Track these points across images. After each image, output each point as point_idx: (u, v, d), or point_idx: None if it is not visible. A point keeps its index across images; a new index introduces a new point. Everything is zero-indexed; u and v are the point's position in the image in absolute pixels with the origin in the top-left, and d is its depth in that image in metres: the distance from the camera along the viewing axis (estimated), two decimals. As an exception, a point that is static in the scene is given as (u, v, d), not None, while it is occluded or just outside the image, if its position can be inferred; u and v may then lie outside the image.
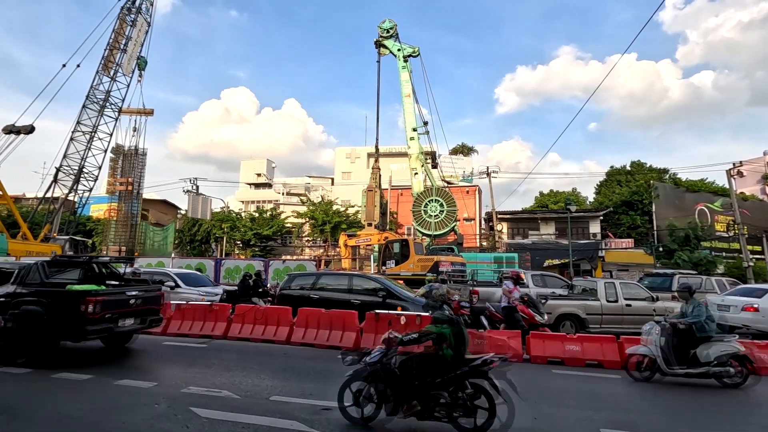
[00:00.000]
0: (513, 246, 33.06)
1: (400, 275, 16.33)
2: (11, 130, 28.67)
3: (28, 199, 40.06)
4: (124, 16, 32.25)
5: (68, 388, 5.82)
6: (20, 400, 5.34)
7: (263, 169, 54.94)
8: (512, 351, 8.19)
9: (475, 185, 40.84)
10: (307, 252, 39.92)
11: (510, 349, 8.23)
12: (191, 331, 10.08)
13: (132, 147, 34.86)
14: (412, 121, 29.38)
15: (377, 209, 28.53)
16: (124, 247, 32.89)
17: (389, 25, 30.16)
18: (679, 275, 14.32)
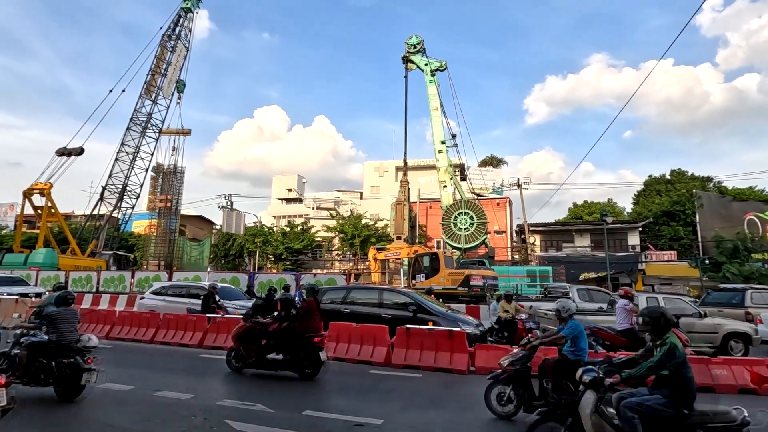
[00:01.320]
0: (546, 259, 32.13)
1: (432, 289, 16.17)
2: (63, 153, 30.73)
3: (76, 217, 42.51)
4: (165, 43, 34.21)
5: (112, 399, 6.05)
6: (68, 409, 5.59)
7: (294, 184, 56.17)
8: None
9: (505, 197, 40.17)
10: (336, 265, 40.24)
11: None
12: (226, 344, 10.27)
13: (171, 165, 36.55)
14: (440, 134, 29.39)
15: (406, 222, 28.49)
16: (163, 262, 34.20)
17: (416, 41, 30.52)
18: (751, 290, 12.43)
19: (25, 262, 26.71)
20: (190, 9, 35.08)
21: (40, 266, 25.27)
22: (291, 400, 6.20)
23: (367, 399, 6.44)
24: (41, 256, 26.98)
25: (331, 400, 6.29)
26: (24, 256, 27.47)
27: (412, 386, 7.25)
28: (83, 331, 11.55)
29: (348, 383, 7.35)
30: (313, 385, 7.18)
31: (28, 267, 25.39)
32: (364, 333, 9.27)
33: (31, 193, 29.39)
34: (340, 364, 8.89)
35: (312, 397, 6.46)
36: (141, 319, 11.68)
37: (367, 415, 5.57)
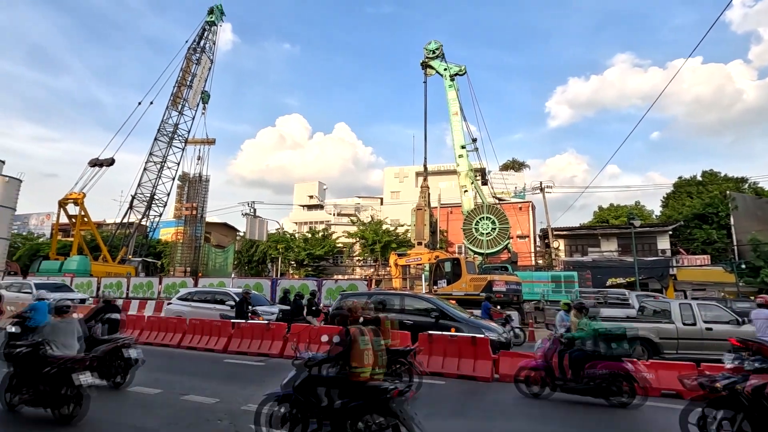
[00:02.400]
0: (571, 264, 31.36)
1: (452, 295, 16.00)
2: (95, 163, 32.01)
3: (108, 225, 44.05)
4: (191, 56, 35.32)
5: (141, 402, 6.20)
6: (102, 412, 5.76)
7: (315, 191, 56.78)
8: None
9: (528, 201, 39.51)
10: (357, 271, 40.33)
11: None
12: (250, 349, 10.43)
13: (196, 174, 37.54)
14: (460, 138, 29.21)
15: (427, 228, 28.34)
16: (189, 268, 35.04)
17: (435, 46, 30.53)
18: None
19: (60, 268, 27.83)
20: (214, 22, 36.15)
21: (74, 273, 26.29)
22: (314, 406, 6.21)
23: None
24: (75, 263, 28.07)
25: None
26: (59, 263, 28.64)
27: (435, 393, 7.17)
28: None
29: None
30: (336, 391, 7.18)
31: (63, 273, 26.45)
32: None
33: (66, 203, 30.68)
34: (362, 370, 8.88)
35: (334, 403, 6.45)
36: (168, 325, 11.97)
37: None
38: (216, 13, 36.13)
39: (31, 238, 48.23)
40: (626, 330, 6.91)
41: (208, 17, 35.93)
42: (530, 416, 6.14)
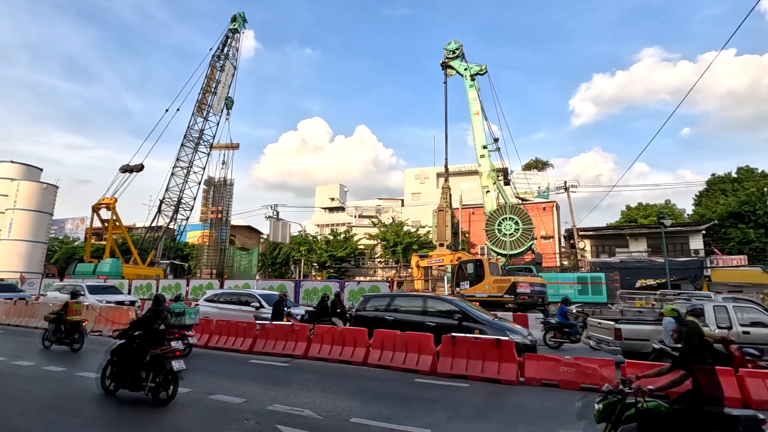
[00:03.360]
0: (598, 265, 30.53)
1: (475, 297, 15.83)
2: (126, 169, 33.21)
3: (137, 229, 45.58)
4: (215, 63, 36.22)
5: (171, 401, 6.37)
6: (134, 410, 5.97)
7: (336, 193, 57.23)
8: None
9: (552, 201, 38.74)
10: (379, 273, 40.38)
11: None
12: (274, 350, 10.58)
13: (221, 178, 38.42)
14: (481, 138, 28.92)
15: (449, 229, 28.15)
16: (215, 270, 35.86)
17: (455, 46, 30.35)
18: None
19: (94, 271, 28.98)
20: (237, 30, 36.98)
21: (106, 275, 27.31)
22: (338, 407, 6.26)
23: (414, 408, 6.38)
24: (108, 265, 29.17)
25: (378, 408, 6.27)
26: (93, 266, 29.83)
27: (459, 396, 7.11)
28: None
29: (394, 391, 7.32)
30: (360, 392, 7.22)
31: (97, 276, 27.51)
32: (409, 341, 9.22)
33: (99, 208, 31.92)
34: (385, 372, 8.88)
35: (359, 404, 6.48)
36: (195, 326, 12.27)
37: (413, 424, 5.52)
38: (239, 20, 36.95)
39: (67, 241, 50.40)
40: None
41: (231, 25, 36.78)
42: (557, 420, 6.01)
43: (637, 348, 9.37)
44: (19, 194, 39.47)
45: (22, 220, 38.87)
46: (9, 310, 16.50)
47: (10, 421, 5.25)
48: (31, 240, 39.23)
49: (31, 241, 39.23)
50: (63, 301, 15.21)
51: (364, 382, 8.08)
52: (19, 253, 38.33)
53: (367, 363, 9.44)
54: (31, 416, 5.48)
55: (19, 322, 15.62)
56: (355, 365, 9.46)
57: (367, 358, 9.56)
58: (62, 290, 17.23)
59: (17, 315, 16.11)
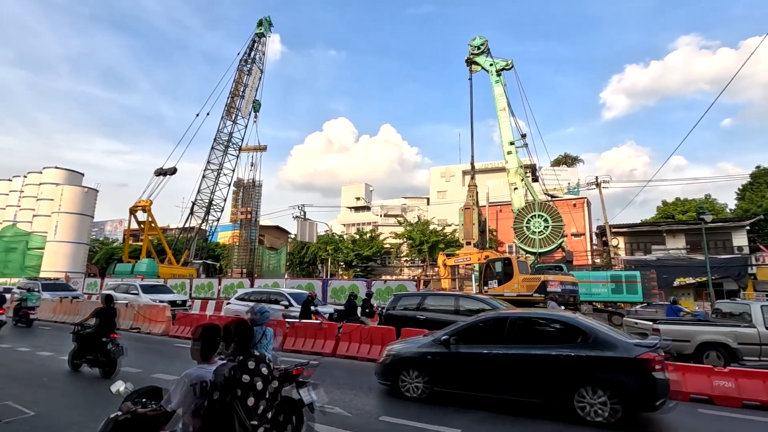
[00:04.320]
0: (633, 263, 29.41)
1: (504, 296, 15.57)
2: (160, 173, 34.47)
3: (171, 230, 47.19)
4: (242, 67, 37.06)
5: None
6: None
7: (362, 193, 57.51)
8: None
9: (582, 197, 37.64)
10: (405, 272, 40.34)
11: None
12: (303, 347, 10.75)
13: (250, 180, 39.31)
14: (508, 134, 28.38)
15: (475, 227, 27.80)
16: (245, 269, 36.75)
17: (480, 42, 29.90)
18: None
19: (132, 270, 30.23)
20: (263, 34, 37.70)
21: (143, 274, 28.43)
22: (368, 406, 6.29)
23: (444, 408, 6.33)
24: (144, 265, 30.36)
25: (408, 408, 6.26)
26: (131, 266, 31.12)
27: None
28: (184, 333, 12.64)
29: (423, 390, 7.29)
30: (391, 391, 7.22)
31: (134, 275, 28.68)
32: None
33: (136, 210, 33.27)
34: (414, 371, 8.85)
35: (389, 403, 6.49)
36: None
37: (444, 424, 5.48)
38: (265, 24, 37.65)
39: (106, 242, 52.81)
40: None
41: (258, 29, 37.53)
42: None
43: (678, 349, 9.00)
44: (63, 198, 41.59)
45: (66, 222, 40.95)
46: (56, 308, 17.44)
47: (57, 412, 5.54)
48: (74, 241, 41.27)
49: (74, 242, 41.26)
50: (117, 299, 15.93)
51: (392, 380, 8.08)
52: (64, 253, 40.40)
53: (395, 362, 9.44)
54: (82, 409, 5.77)
55: (65, 319, 16.49)
56: (383, 364, 9.48)
57: (395, 356, 9.56)
58: (116, 289, 17.95)
59: (63, 312, 17.02)
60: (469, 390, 6.30)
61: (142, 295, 16.63)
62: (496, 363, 6.04)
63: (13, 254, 42.97)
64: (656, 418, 5.85)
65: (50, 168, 47.07)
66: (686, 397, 7.02)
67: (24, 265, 41.57)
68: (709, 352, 9.23)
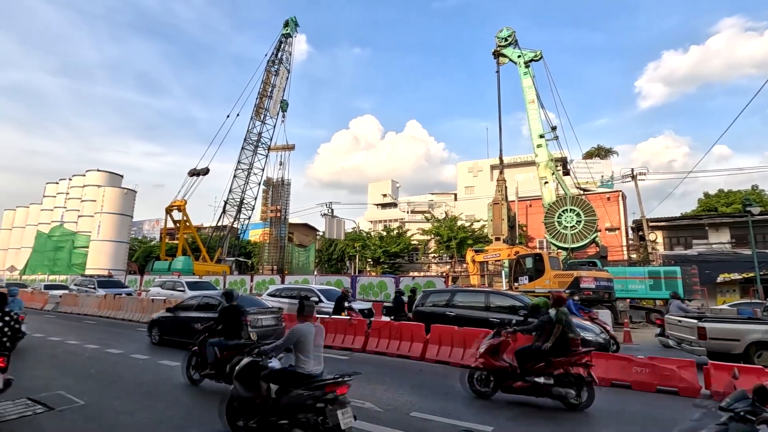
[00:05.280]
0: (672, 258, 28.17)
1: (535, 292, 15.27)
2: (193, 173, 35.63)
3: (205, 228, 48.75)
4: (270, 68, 37.71)
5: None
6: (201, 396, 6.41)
7: (388, 189, 57.55)
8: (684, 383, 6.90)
9: (617, 191, 36.32)
10: (433, 268, 40.16)
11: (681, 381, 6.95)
12: (334, 343, 10.90)
13: (279, 179, 40.05)
14: (538, 127, 27.69)
15: (505, 223, 27.31)
16: (276, 266, 37.55)
17: (507, 33, 29.25)
18: None
19: (169, 268, 31.43)
20: (289, 34, 38.23)
21: (180, 272, 29.50)
22: (398, 401, 6.32)
23: (475, 404, 6.29)
24: (180, 263, 31.51)
25: (438, 403, 6.26)
26: (168, 263, 32.36)
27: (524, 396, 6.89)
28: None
29: (453, 386, 7.25)
30: (420, 387, 7.23)
31: (171, 272, 29.81)
32: (467, 336, 9.09)
33: (171, 209, 34.54)
34: (444, 367, 8.83)
35: (419, 399, 6.50)
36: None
37: (474, 420, 5.45)
38: (291, 25, 38.16)
39: (145, 241, 55.13)
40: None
41: (284, 30, 38.08)
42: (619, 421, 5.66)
43: (726, 348, 8.57)
44: (105, 199, 43.71)
45: (108, 222, 43.03)
46: (100, 304, 18.40)
47: (105, 401, 5.86)
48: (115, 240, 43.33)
49: (115, 241, 43.33)
50: (165, 296, 16.58)
51: (423, 376, 8.09)
52: (106, 252, 42.50)
53: (425, 358, 9.45)
54: (130, 399, 6.09)
55: (109, 314, 17.38)
56: (413, 360, 9.51)
57: (425, 353, 9.56)
58: (163, 286, 18.58)
59: (107, 308, 17.93)
60: None
61: (187, 292, 17.08)
62: None
63: (61, 253, 45.56)
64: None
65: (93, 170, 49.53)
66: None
67: (71, 263, 44.00)
68: (762, 352, 8.71)
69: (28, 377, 7.10)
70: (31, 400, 5.78)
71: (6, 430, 4.83)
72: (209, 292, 17.03)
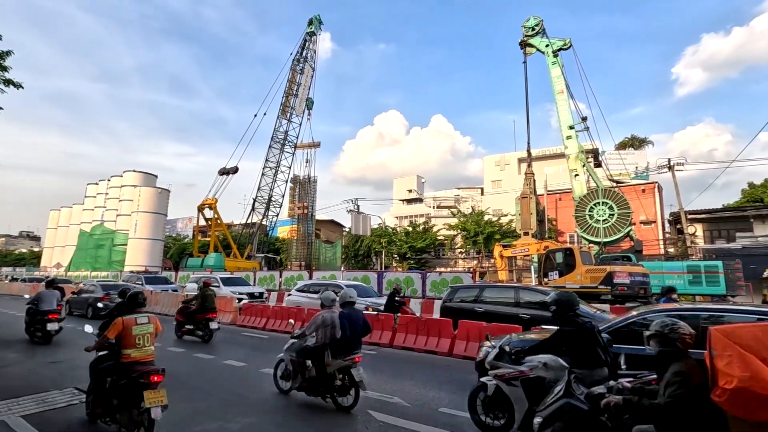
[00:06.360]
0: (713, 252, 26.81)
1: (566, 288, 14.89)
2: (223, 172, 36.60)
3: (235, 226, 50.08)
4: (295, 66, 38.19)
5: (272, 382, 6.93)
6: (236, 389, 6.59)
7: (413, 185, 57.37)
8: None
9: (652, 182, 34.91)
10: (460, 263, 39.82)
11: None
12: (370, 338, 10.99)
13: (305, 176, 40.58)
14: (567, 118, 26.89)
15: (533, 217, 26.74)
16: (303, 262, 38.15)
17: (534, 22, 28.48)
18: None
19: (202, 264, 32.47)
20: (314, 32, 38.56)
21: (211, 268, 30.44)
22: (426, 396, 6.31)
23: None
24: (212, 259, 32.50)
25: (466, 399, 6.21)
26: (201, 260, 33.43)
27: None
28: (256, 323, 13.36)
29: (482, 383, 7.19)
30: (448, 383, 7.20)
31: (204, 269, 30.79)
32: (495, 332, 8.97)
33: (203, 208, 35.63)
34: (472, 363, 8.74)
35: (447, 394, 6.48)
36: (289, 314, 13.16)
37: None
38: (315, 23, 38.47)
39: (178, 239, 57.18)
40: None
41: (308, 28, 38.44)
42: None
43: None
44: (141, 199, 45.57)
45: (144, 221, 44.86)
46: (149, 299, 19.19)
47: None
48: (151, 238, 45.14)
49: (151, 239, 45.13)
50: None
51: (450, 372, 8.05)
52: (143, 249, 44.35)
53: (452, 354, 9.40)
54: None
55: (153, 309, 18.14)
56: (440, 355, 9.47)
57: (452, 348, 9.51)
58: (199, 281, 19.20)
59: (153, 303, 18.69)
60: None
61: (222, 288, 17.50)
62: None
63: (102, 251, 47.87)
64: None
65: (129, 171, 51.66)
66: None
67: (111, 260, 46.17)
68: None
69: (72, 367, 7.51)
70: (77, 389, 6.11)
71: (56, 417, 5.13)
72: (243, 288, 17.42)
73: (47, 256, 61.58)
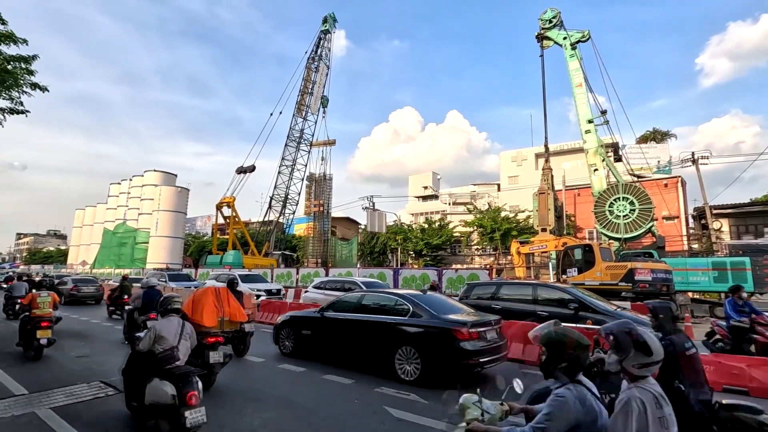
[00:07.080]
0: (740, 248, 25.93)
1: (585, 285, 14.64)
2: (241, 171, 37.15)
3: (253, 224, 50.78)
4: (310, 65, 38.39)
5: (288, 378, 7.03)
6: (250, 385, 6.70)
7: (429, 181, 57.12)
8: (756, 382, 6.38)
9: (675, 176, 33.95)
10: (476, 260, 39.54)
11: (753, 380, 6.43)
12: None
13: (321, 174, 40.85)
14: (586, 112, 26.33)
15: (551, 213, 26.31)
16: (320, 259, 38.47)
17: (551, 15, 27.92)
18: None
19: (221, 261, 33.06)
20: (328, 30, 38.68)
21: (230, 265, 30.96)
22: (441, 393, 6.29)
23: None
24: (231, 256, 33.05)
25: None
26: (219, 257, 34.04)
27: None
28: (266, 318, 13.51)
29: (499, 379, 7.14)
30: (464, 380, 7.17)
31: (223, 266, 31.34)
32: (513, 330, 8.89)
33: (221, 206, 36.23)
34: (489, 361, 8.69)
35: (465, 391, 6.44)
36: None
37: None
38: (329, 21, 38.57)
39: (198, 237, 58.30)
40: None
41: (323, 26, 38.57)
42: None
43: None
44: (161, 198, 46.60)
45: (165, 219, 45.88)
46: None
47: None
48: (171, 236, 46.14)
49: (172, 237, 46.14)
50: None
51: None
52: (164, 247, 45.39)
53: (469, 351, 9.34)
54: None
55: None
56: (457, 353, 9.42)
57: (468, 346, 9.45)
58: (218, 278, 19.56)
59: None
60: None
61: (241, 285, 17.72)
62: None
63: (125, 248, 49.20)
64: None
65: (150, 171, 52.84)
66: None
67: (133, 257, 47.42)
68: None
69: (100, 362, 7.75)
70: (103, 383, 6.30)
71: (83, 409, 5.31)
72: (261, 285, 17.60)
73: (73, 253, 63.64)
